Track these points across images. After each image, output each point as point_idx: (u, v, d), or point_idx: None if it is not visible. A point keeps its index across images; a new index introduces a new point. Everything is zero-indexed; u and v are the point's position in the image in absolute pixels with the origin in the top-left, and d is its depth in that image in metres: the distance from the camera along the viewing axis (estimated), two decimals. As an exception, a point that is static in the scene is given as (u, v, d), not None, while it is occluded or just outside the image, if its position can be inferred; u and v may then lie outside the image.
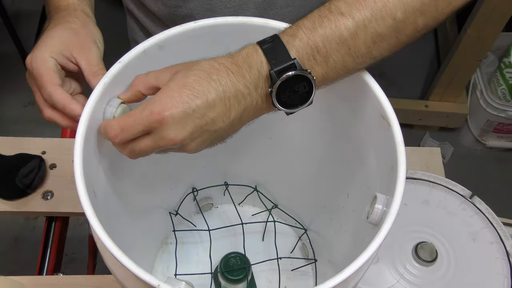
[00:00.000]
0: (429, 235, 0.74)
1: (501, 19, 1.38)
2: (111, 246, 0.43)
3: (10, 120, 1.78)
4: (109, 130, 0.47)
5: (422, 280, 0.71)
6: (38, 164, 0.82)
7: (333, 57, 0.47)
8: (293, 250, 0.77)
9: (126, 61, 0.51)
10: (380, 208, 0.49)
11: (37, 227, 1.60)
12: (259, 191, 0.76)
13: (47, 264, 0.83)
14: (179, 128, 0.45)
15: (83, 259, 1.04)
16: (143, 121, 0.45)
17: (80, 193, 0.46)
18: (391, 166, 0.50)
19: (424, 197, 0.78)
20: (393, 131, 0.50)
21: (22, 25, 1.85)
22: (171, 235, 0.76)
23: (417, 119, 1.74)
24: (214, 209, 0.80)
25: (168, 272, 0.73)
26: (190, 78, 0.45)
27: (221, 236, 0.76)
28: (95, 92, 0.50)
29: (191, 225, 0.77)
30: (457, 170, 1.47)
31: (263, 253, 0.76)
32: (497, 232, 0.74)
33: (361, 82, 0.52)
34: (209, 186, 0.75)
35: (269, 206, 0.78)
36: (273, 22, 0.53)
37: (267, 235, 0.77)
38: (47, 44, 0.55)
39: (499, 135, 1.74)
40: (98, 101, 0.50)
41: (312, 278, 0.74)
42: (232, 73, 0.46)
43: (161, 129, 0.45)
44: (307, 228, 0.77)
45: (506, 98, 1.64)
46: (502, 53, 1.68)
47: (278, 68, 0.45)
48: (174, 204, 0.75)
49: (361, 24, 0.46)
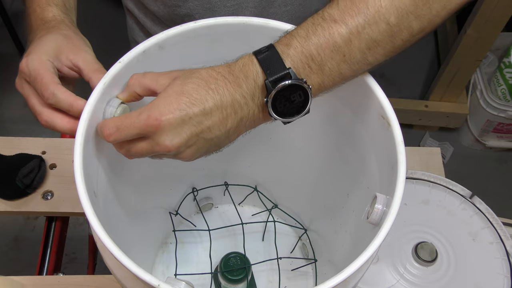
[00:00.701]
0: (429, 235, 0.74)
1: (501, 19, 1.38)
2: (111, 246, 0.43)
3: (10, 120, 1.78)
4: (104, 129, 0.47)
5: (422, 280, 0.71)
6: (38, 164, 0.82)
7: (328, 65, 0.47)
8: (293, 250, 0.77)
9: (126, 61, 0.51)
10: (380, 208, 0.49)
11: (37, 227, 1.60)
12: (259, 191, 0.76)
13: (47, 264, 0.83)
14: (175, 134, 0.45)
15: (83, 259, 1.04)
16: (140, 124, 0.45)
17: (80, 193, 0.46)
18: (391, 166, 0.50)
19: (424, 197, 0.78)
20: (393, 131, 0.50)
21: (22, 25, 1.85)
22: (171, 235, 0.76)
23: (417, 119, 1.74)
24: (214, 209, 0.80)
25: (168, 272, 0.73)
26: (188, 85, 0.46)
27: (221, 236, 0.76)
28: (95, 91, 0.50)
29: (191, 225, 0.77)
30: (457, 170, 1.48)
31: (263, 253, 0.76)
32: (497, 232, 0.74)
33: (360, 82, 0.52)
34: (209, 186, 0.76)
35: (269, 206, 0.78)
36: (273, 22, 0.53)
37: (267, 235, 0.77)
38: (42, 48, 0.55)
39: (499, 135, 1.74)
40: (98, 101, 0.50)
41: (312, 278, 0.74)
42: (230, 82, 0.46)
43: (157, 135, 0.45)
44: (307, 228, 0.77)
45: (506, 98, 1.65)
46: (502, 53, 1.68)
47: (273, 78, 0.45)
48: (174, 204, 0.75)
49: (355, 31, 0.46)
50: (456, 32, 1.71)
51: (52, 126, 0.53)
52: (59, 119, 0.53)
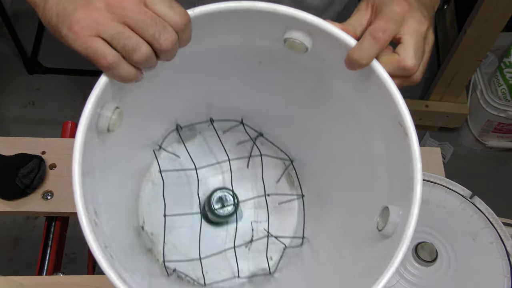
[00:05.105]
0: (429, 235, 0.74)
1: (501, 19, 1.38)
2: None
3: (10, 120, 1.78)
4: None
5: (422, 280, 0.71)
6: (38, 164, 0.82)
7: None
8: (279, 180, 0.74)
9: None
10: (396, 221, 0.50)
11: (37, 227, 1.60)
12: (245, 123, 0.73)
13: (47, 264, 0.83)
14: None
15: (83, 259, 1.04)
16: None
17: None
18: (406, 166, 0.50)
19: (424, 197, 0.77)
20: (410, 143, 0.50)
21: (22, 25, 1.85)
22: (157, 176, 0.72)
23: (417, 119, 1.74)
24: (198, 137, 0.75)
25: (158, 213, 0.69)
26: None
27: (207, 170, 0.73)
28: (98, 86, 0.48)
29: (177, 165, 0.73)
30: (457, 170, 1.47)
31: (251, 188, 0.74)
32: (497, 232, 0.74)
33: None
34: (194, 123, 0.72)
35: (254, 136, 0.75)
36: (281, 7, 0.51)
37: (253, 166, 0.74)
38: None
39: (499, 135, 1.74)
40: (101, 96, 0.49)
41: (299, 212, 0.73)
42: None
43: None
44: (293, 159, 0.74)
45: (506, 98, 1.65)
46: (502, 53, 1.68)
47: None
48: (158, 142, 0.72)
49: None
50: (456, 32, 1.71)
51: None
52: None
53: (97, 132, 0.50)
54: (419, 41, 0.51)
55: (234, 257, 0.69)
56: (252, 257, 0.71)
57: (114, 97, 0.51)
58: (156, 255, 0.68)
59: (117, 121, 0.50)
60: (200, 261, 0.67)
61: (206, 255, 0.68)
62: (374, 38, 0.48)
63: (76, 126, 0.95)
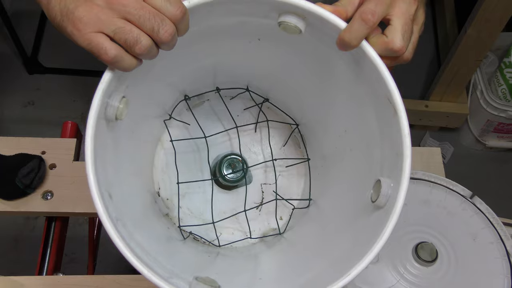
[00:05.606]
0: (429, 235, 0.74)
1: (501, 19, 1.38)
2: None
3: (10, 120, 1.78)
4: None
5: (422, 280, 0.71)
6: (38, 164, 0.82)
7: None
8: (285, 143, 0.77)
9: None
10: (388, 192, 0.52)
11: (37, 227, 1.60)
12: (251, 91, 0.75)
13: (47, 264, 0.83)
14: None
15: (83, 259, 1.04)
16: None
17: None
18: (396, 152, 0.51)
19: (424, 197, 0.78)
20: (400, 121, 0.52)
21: (22, 25, 1.85)
22: (169, 145, 0.74)
23: (417, 119, 1.74)
24: (206, 107, 0.77)
25: (170, 182, 0.73)
26: None
27: (216, 137, 0.76)
28: (104, 78, 0.50)
29: (186, 134, 0.75)
30: (457, 170, 1.47)
31: (259, 152, 0.77)
32: (497, 232, 0.74)
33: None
34: (201, 93, 0.74)
35: (260, 101, 0.77)
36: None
37: (260, 132, 0.77)
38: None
39: (499, 135, 1.74)
40: (108, 87, 0.50)
41: (305, 175, 0.75)
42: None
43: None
44: (299, 123, 0.76)
45: (506, 98, 1.65)
46: (502, 53, 1.68)
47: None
48: (168, 111, 0.74)
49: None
50: (456, 32, 1.71)
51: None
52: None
53: (106, 120, 0.52)
54: (407, 23, 0.52)
55: (245, 219, 0.71)
56: (262, 218, 0.74)
57: (121, 85, 0.53)
58: (173, 219, 0.71)
59: (124, 110, 0.52)
60: (213, 224, 0.70)
61: (220, 218, 0.71)
62: (363, 20, 0.50)
63: (76, 126, 0.95)
